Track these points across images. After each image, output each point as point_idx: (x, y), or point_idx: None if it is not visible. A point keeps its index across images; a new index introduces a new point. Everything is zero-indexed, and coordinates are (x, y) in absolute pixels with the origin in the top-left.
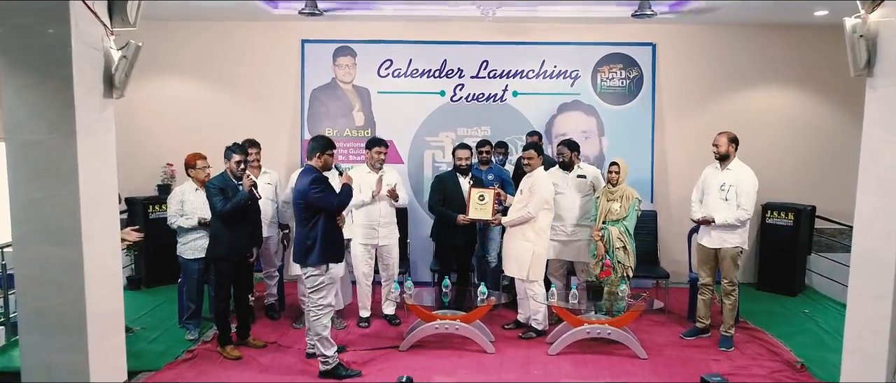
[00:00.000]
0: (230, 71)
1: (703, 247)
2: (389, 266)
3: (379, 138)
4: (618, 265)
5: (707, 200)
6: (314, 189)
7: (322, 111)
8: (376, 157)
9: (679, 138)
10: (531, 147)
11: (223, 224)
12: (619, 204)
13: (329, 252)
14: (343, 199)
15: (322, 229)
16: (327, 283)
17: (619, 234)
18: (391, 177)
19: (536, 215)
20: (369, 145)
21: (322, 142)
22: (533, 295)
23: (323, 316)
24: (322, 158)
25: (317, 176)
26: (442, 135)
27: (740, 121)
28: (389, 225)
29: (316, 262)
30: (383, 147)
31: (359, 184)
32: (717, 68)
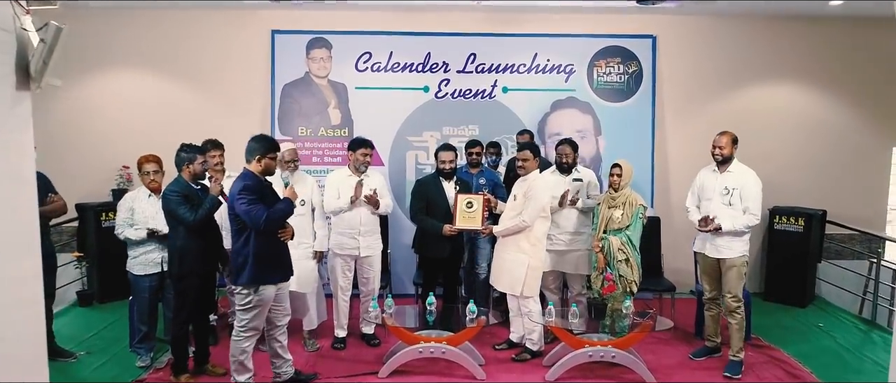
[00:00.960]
0: (192, 64)
1: (704, 257)
2: (370, 280)
3: (364, 139)
4: (620, 279)
5: (707, 207)
6: (241, 199)
7: (294, 109)
8: (361, 160)
9: (681, 138)
10: (527, 147)
11: (191, 236)
12: (621, 211)
13: (263, 272)
14: (275, 217)
15: (255, 245)
16: (258, 305)
17: (622, 245)
18: (375, 181)
19: (532, 224)
20: (353, 146)
21: (263, 143)
22: (527, 313)
23: (244, 340)
24: (263, 162)
25: (249, 183)
26: (426, 134)
27: (747, 120)
28: (371, 234)
29: (245, 283)
30: (369, 148)
31: (338, 187)
32: (722, 63)
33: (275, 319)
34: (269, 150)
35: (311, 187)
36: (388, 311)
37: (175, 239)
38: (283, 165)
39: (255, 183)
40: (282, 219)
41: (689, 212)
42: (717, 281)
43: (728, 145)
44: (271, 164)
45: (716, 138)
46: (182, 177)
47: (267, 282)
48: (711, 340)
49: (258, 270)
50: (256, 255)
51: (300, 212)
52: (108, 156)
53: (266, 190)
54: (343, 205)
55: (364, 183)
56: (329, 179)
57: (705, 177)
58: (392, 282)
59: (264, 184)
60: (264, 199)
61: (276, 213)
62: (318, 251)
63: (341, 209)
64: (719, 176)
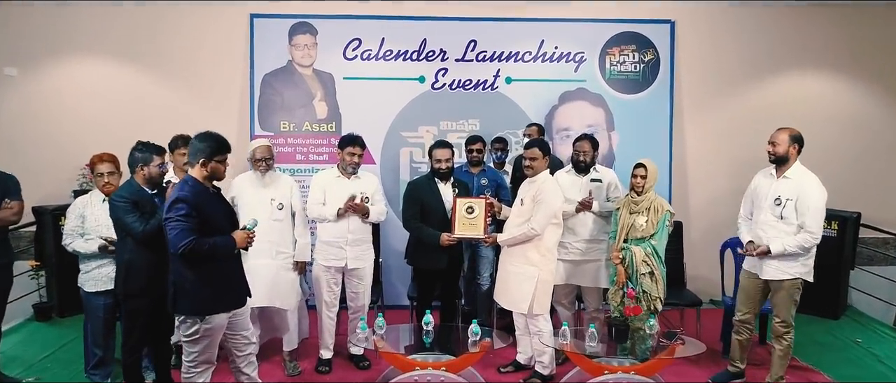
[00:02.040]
0: (163, 51)
1: (751, 275)
2: (359, 295)
3: (354, 136)
4: (643, 295)
5: (758, 218)
6: (170, 214)
7: (276, 101)
8: (349, 160)
9: (702, 133)
10: (535, 144)
11: (140, 249)
12: (645, 218)
13: (209, 298)
14: (201, 252)
15: (199, 265)
16: (207, 336)
17: (646, 257)
18: (368, 185)
19: (542, 232)
20: (342, 144)
21: (209, 142)
22: (537, 333)
23: (196, 375)
24: (209, 167)
25: (185, 195)
26: (422, 129)
27: (773, 114)
28: (360, 244)
29: (187, 311)
30: (358, 147)
31: (324, 190)
32: (746, 51)
33: (236, 348)
34: (218, 152)
35: (288, 189)
36: (379, 332)
37: (122, 251)
38: (255, 164)
39: (193, 194)
40: (211, 257)
41: (740, 228)
42: (756, 302)
43: (784, 143)
44: (220, 169)
45: (773, 134)
46: (134, 181)
47: (214, 310)
48: (736, 365)
49: (203, 296)
50: (201, 278)
51: (278, 216)
52: (70, 153)
53: (209, 202)
54: (329, 215)
55: (357, 191)
56: (314, 181)
57: (760, 181)
58: (384, 293)
59: (208, 194)
60: (204, 216)
61: (204, 249)
62: (300, 262)
63: (326, 218)
64: (775, 181)
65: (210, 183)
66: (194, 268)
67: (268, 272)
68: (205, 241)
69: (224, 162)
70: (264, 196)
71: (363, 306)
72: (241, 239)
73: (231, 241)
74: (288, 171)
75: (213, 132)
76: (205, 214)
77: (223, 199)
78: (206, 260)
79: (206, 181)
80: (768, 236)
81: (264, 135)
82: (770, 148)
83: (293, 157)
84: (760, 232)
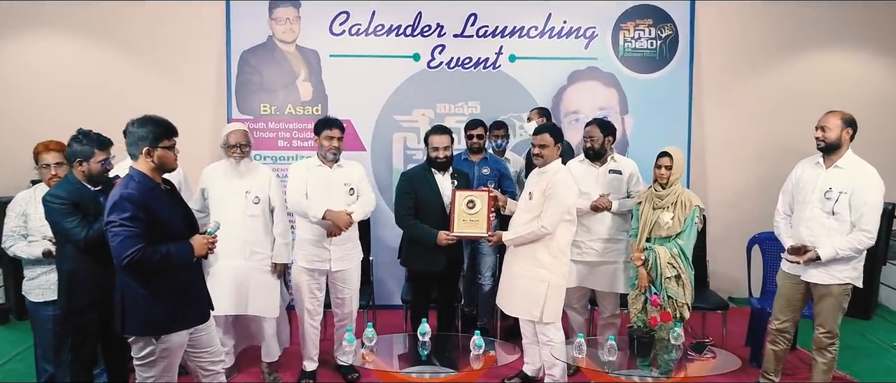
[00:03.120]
0: (130, 26)
1: (792, 278)
2: (345, 301)
3: (330, 118)
4: (667, 301)
5: (799, 215)
6: (112, 218)
7: (255, 81)
8: (328, 145)
9: (724, 117)
10: (546, 130)
11: (84, 258)
12: (671, 214)
13: (164, 314)
14: (162, 261)
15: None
16: (163, 358)
17: (671, 258)
18: (352, 174)
19: (553, 231)
20: (318, 129)
21: (150, 127)
22: (547, 343)
23: None
24: (155, 156)
25: (130, 194)
26: (416, 112)
27: (804, 96)
28: (346, 242)
29: (138, 331)
30: (337, 129)
31: (306, 181)
32: (774, 27)
33: (200, 367)
34: (163, 136)
35: (266, 180)
36: (368, 344)
37: (63, 260)
38: (228, 151)
39: (140, 192)
40: (164, 267)
41: (777, 225)
42: (797, 309)
43: (836, 128)
44: (168, 158)
45: (821, 118)
46: (73, 176)
47: (171, 328)
48: (769, 378)
49: (157, 312)
50: (153, 292)
51: (254, 211)
52: (27, 139)
53: (160, 201)
54: (314, 213)
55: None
56: (293, 171)
57: (804, 171)
58: (375, 293)
59: (158, 191)
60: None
61: (155, 259)
62: (279, 263)
63: (309, 215)
64: (823, 172)
65: (159, 176)
66: (145, 280)
67: (240, 275)
68: (156, 249)
69: (172, 148)
70: (238, 187)
71: (350, 313)
72: (200, 245)
73: (188, 248)
74: (269, 159)
75: (152, 116)
76: (155, 216)
77: (178, 197)
78: (159, 271)
79: (154, 174)
80: (815, 235)
81: (243, 118)
82: (819, 134)
83: (275, 143)
84: (804, 229)
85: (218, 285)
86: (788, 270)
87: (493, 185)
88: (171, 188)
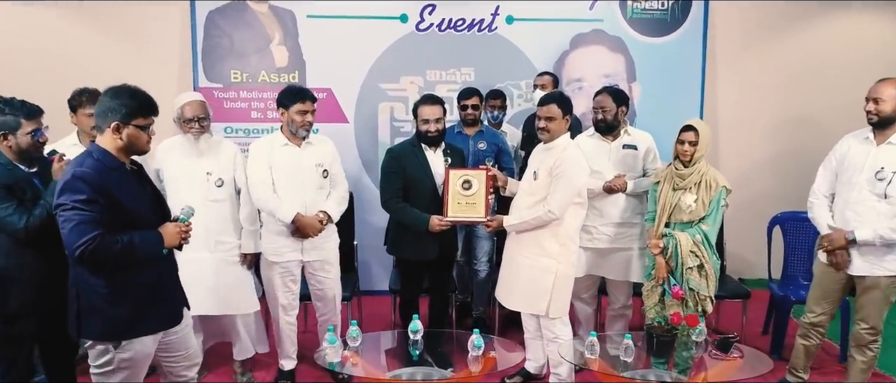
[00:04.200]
0: None
1: (831, 270)
2: (325, 293)
3: (300, 88)
4: (688, 293)
5: (845, 196)
6: (63, 200)
7: (224, 45)
8: (300, 121)
9: (740, 85)
10: (553, 100)
11: (21, 251)
12: (694, 196)
13: (127, 318)
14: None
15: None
16: (125, 368)
17: (694, 246)
18: (323, 154)
19: (562, 215)
20: (286, 102)
21: (125, 99)
22: (553, 340)
23: None
24: (124, 133)
25: (86, 173)
26: (405, 80)
27: (827, 62)
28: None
29: (97, 336)
30: (309, 102)
31: (269, 163)
32: None
33: (172, 372)
34: (138, 113)
35: (231, 159)
36: (352, 345)
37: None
38: (184, 126)
39: (98, 171)
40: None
41: (814, 206)
42: (835, 301)
43: (892, 99)
44: (140, 139)
45: (873, 87)
46: (1, 154)
47: (135, 332)
48: (797, 375)
49: (120, 314)
50: (115, 289)
51: (217, 195)
52: None
53: (124, 184)
54: (284, 215)
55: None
56: (254, 152)
57: (850, 147)
58: (360, 278)
59: (123, 172)
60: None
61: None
62: (249, 254)
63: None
64: (874, 149)
65: (127, 157)
66: (105, 275)
67: (206, 270)
68: (116, 238)
69: (147, 129)
70: (198, 168)
71: (333, 308)
72: (172, 235)
73: (156, 239)
74: (241, 132)
75: (130, 86)
76: (116, 199)
77: (146, 180)
78: (120, 264)
79: (120, 154)
80: (862, 221)
81: (211, 87)
82: (872, 106)
83: (247, 115)
84: (850, 214)
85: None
86: (826, 262)
87: (491, 163)
88: (139, 169)
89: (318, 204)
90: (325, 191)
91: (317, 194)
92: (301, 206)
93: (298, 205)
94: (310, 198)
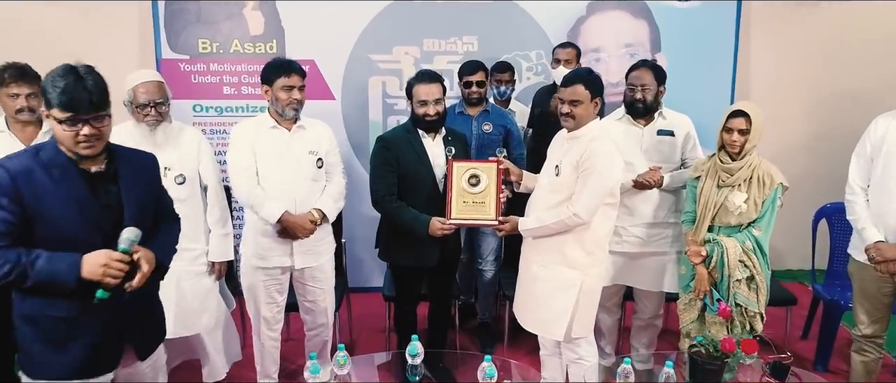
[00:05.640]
0: None
1: (866, 269)
2: (317, 306)
3: (285, 60)
4: (735, 309)
5: (886, 186)
6: None
7: (190, 10)
8: (285, 98)
9: (779, 56)
10: (577, 80)
11: None
12: (744, 195)
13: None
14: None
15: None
16: None
17: (744, 254)
18: (319, 139)
19: (590, 219)
20: (269, 76)
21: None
22: (576, 361)
23: None
24: None
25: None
26: (398, 50)
27: (875, 31)
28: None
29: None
30: (297, 76)
31: (253, 149)
32: None
33: None
34: (52, 105)
35: (194, 150)
36: (340, 372)
37: None
38: (137, 113)
39: (16, 168)
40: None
41: (854, 206)
42: (884, 307)
43: None
44: (60, 135)
45: None
46: None
47: (37, 372)
48: None
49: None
50: (23, 316)
51: (179, 194)
52: None
53: (59, 186)
54: (269, 214)
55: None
56: (236, 137)
57: (888, 129)
58: (348, 274)
59: (59, 172)
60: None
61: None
62: (217, 262)
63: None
64: None
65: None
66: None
67: (165, 282)
68: (12, 254)
69: (71, 125)
70: None
71: (325, 323)
72: (93, 265)
73: (69, 265)
74: (212, 111)
75: (62, 69)
76: (33, 208)
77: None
78: (17, 286)
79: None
80: None
81: (176, 59)
82: None
83: (219, 90)
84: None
85: None
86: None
87: (501, 153)
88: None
89: (311, 199)
90: (319, 183)
91: (309, 188)
92: (290, 202)
93: (287, 201)
94: (301, 193)
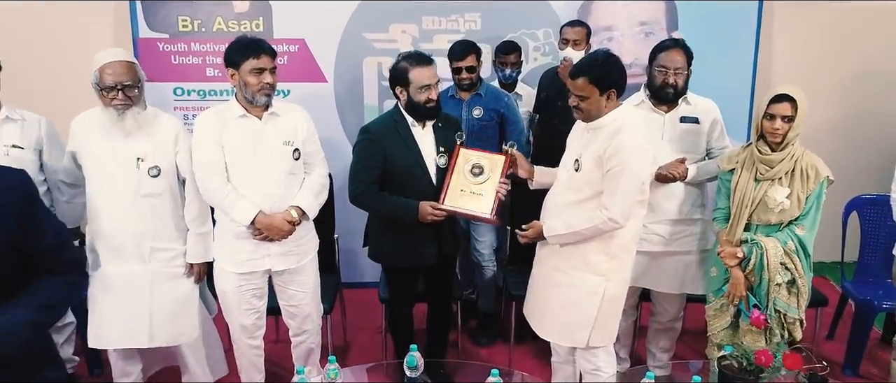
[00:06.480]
0: None
1: None
2: (299, 311)
3: (252, 39)
4: (773, 317)
5: None
6: None
7: None
8: (255, 83)
9: (806, 32)
10: (584, 72)
11: None
12: (786, 190)
13: None
14: None
15: None
16: None
17: (786, 255)
18: (295, 127)
19: (626, 222)
20: (235, 57)
21: None
22: (593, 372)
23: None
24: None
25: None
26: (395, 29)
27: None
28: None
29: None
30: (265, 56)
31: (220, 143)
32: None
33: None
34: None
35: (170, 139)
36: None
37: None
38: (104, 96)
39: None
40: None
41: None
42: None
43: None
44: None
45: None
46: None
47: None
48: None
49: None
50: None
51: (151, 188)
52: None
53: None
54: (239, 217)
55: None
56: (199, 128)
57: None
58: (342, 271)
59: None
60: None
61: None
62: (197, 264)
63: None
64: None
65: None
66: None
67: (136, 287)
68: None
69: None
70: (124, 152)
71: (311, 328)
72: None
73: None
74: (195, 95)
75: None
76: None
77: None
78: None
79: None
80: None
81: (155, 38)
82: None
83: (201, 72)
84: None
85: (103, 306)
86: None
87: (512, 146)
88: None
89: (289, 196)
90: (297, 177)
91: (286, 182)
92: (264, 200)
93: (260, 200)
94: (276, 189)
